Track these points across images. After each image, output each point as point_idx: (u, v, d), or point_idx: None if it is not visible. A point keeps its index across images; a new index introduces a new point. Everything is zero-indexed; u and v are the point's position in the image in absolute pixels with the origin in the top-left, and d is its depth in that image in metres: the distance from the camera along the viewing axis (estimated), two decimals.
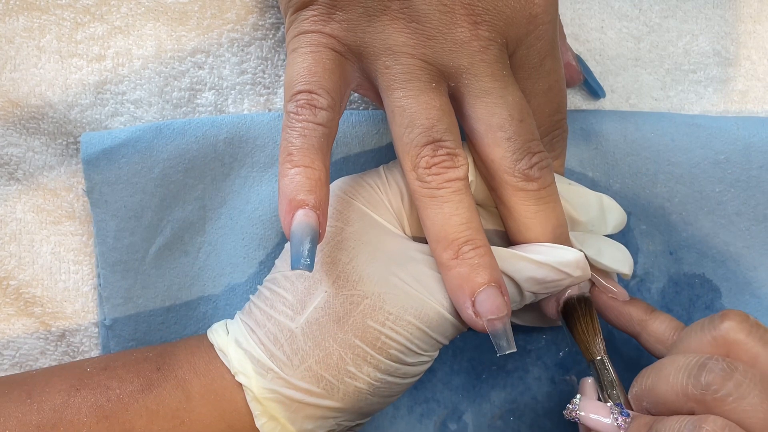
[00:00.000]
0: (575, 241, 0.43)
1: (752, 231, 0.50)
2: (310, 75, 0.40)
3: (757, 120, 0.50)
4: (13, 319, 0.48)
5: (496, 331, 0.39)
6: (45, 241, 0.48)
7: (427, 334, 0.40)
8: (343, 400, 0.40)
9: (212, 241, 0.48)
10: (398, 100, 0.40)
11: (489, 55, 0.40)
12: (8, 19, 0.47)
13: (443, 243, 0.40)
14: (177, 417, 0.40)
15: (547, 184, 0.41)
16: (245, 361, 0.40)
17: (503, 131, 0.40)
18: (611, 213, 0.45)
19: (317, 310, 0.40)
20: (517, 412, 0.50)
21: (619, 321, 0.45)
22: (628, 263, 0.44)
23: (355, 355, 0.40)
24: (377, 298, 0.40)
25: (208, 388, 0.40)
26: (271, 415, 0.40)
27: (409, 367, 0.41)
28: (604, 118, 0.50)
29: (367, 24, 0.40)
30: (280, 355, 0.40)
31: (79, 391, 0.40)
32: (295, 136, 0.39)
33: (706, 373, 0.37)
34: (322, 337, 0.40)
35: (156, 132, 0.47)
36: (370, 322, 0.40)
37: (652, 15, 0.51)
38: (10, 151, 0.48)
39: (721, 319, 0.40)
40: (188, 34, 0.48)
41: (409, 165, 0.40)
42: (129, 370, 0.41)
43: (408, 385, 0.42)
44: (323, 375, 0.40)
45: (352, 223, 0.42)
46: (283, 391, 0.40)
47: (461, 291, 0.39)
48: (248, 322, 0.41)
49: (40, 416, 0.39)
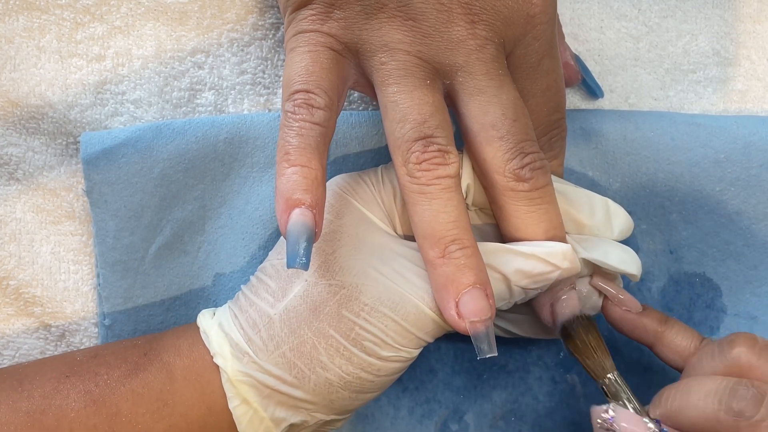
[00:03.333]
0: (578, 245, 0.43)
1: (752, 229, 0.50)
2: (308, 74, 0.40)
3: (756, 119, 0.50)
4: (13, 319, 0.48)
5: (477, 333, 0.39)
6: (45, 241, 0.48)
7: (404, 327, 0.40)
8: (313, 391, 0.40)
9: (212, 240, 0.48)
10: (392, 95, 0.40)
11: (485, 54, 0.40)
12: (8, 19, 0.48)
13: (430, 240, 0.40)
14: (161, 399, 0.41)
15: (539, 185, 0.41)
16: (224, 343, 0.41)
17: (496, 130, 0.40)
18: (617, 218, 0.45)
19: (296, 298, 0.40)
20: (518, 412, 0.50)
21: (634, 333, 0.45)
22: (636, 264, 0.44)
23: (328, 345, 0.40)
24: (354, 288, 0.40)
25: (190, 369, 0.41)
26: (244, 398, 0.40)
27: (383, 363, 0.41)
28: (603, 118, 0.50)
29: (364, 22, 0.40)
30: (256, 340, 0.40)
31: (68, 378, 0.41)
32: (292, 135, 0.39)
33: (738, 399, 0.38)
34: (298, 324, 0.40)
35: (156, 132, 0.47)
36: (345, 312, 0.40)
37: (651, 15, 0.51)
38: (10, 151, 0.48)
39: (731, 345, 0.41)
40: (188, 34, 0.48)
41: (399, 160, 0.40)
42: (117, 357, 0.41)
43: (383, 384, 0.42)
44: (296, 363, 0.40)
45: (342, 216, 0.42)
46: (256, 376, 0.40)
47: (445, 291, 0.39)
48: (233, 308, 0.42)
49: (30, 402, 0.40)
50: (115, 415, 0.40)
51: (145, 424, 0.40)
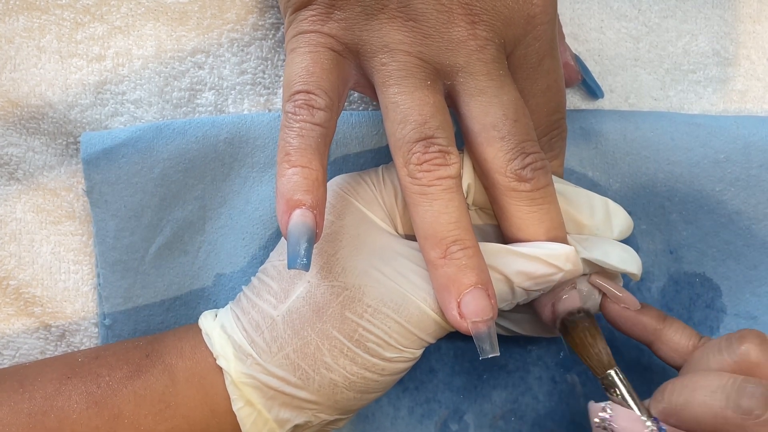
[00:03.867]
0: (578, 244, 0.43)
1: (752, 229, 0.50)
2: (308, 75, 0.40)
3: (756, 119, 0.50)
4: (13, 319, 0.48)
5: (480, 333, 0.39)
6: (45, 241, 0.48)
7: (407, 329, 0.40)
8: (318, 391, 0.40)
9: (212, 240, 0.48)
10: (392, 96, 0.40)
11: (486, 55, 0.40)
12: (8, 19, 0.47)
13: (431, 241, 0.40)
14: (163, 401, 0.41)
15: (540, 185, 0.41)
16: (227, 345, 0.41)
17: (497, 130, 0.40)
18: (617, 218, 0.45)
19: (299, 299, 0.40)
20: (518, 412, 0.50)
21: (633, 331, 0.44)
22: (637, 263, 0.44)
23: (332, 346, 0.40)
24: (357, 290, 0.40)
25: (192, 371, 0.41)
26: (247, 400, 0.40)
27: (386, 363, 0.41)
28: (603, 118, 0.50)
29: (365, 22, 0.40)
30: (260, 342, 0.40)
31: (70, 379, 0.41)
32: (292, 136, 0.39)
33: (747, 397, 0.38)
34: (301, 326, 0.40)
35: (156, 132, 0.47)
36: (348, 314, 0.40)
37: (651, 15, 0.51)
38: (10, 151, 0.48)
39: (740, 341, 0.40)
40: (188, 34, 0.48)
41: (400, 161, 0.40)
42: (119, 358, 0.41)
43: (387, 383, 0.42)
44: (300, 364, 0.40)
45: (343, 217, 0.42)
46: (260, 377, 0.40)
47: (447, 291, 0.39)
48: (235, 310, 0.42)
49: (32, 404, 0.40)
50: (117, 416, 0.40)
51: (147, 426, 0.40)
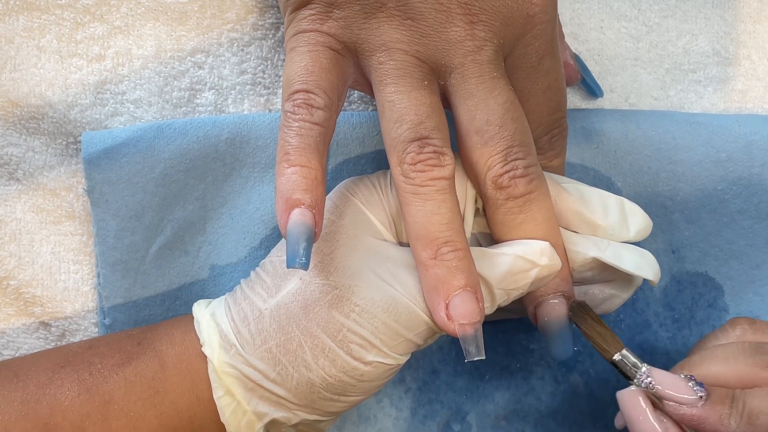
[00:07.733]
0: (594, 246, 0.42)
1: (755, 229, 0.50)
2: (308, 74, 0.40)
3: (758, 118, 0.50)
4: (13, 319, 0.48)
5: (466, 336, 0.39)
6: (45, 240, 0.48)
7: (394, 329, 0.40)
8: (295, 389, 0.40)
9: (213, 240, 0.48)
10: (389, 95, 0.40)
11: (482, 56, 0.40)
12: (8, 19, 0.48)
13: (423, 241, 0.39)
14: (152, 387, 0.41)
15: (518, 194, 0.41)
16: (214, 333, 0.41)
17: (479, 136, 0.40)
18: (633, 217, 0.44)
19: (289, 295, 0.40)
20: (521, 412, 0.50)
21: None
22: (653, 270, 0.43)
23: (314, 345, 0.40)
24: (346, 289, 0.40)
25: (180, 357, 0.41)
26: (228, 389, 0.41)
27: (366, 368, 0.40)
28: (605, 117, 0.50)
29: (363, 21, 0.40)
30: (245, 333, 0.41)
31: (63, 368, 0.41)
32: (292, 135, 0.39)
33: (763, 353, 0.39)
34: (287, 321, 0.40)
35: (157, 131, 0.47)
36: (335, 313, 0.40)
37: (651, 15, 0.51)
38: (10, 151, 0.48)
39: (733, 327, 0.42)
40: (188, 34, 0.48)
41: (395, 160, 0.40)
42: (111, 347, 0.42)
43: (367, 389, 0.41)
44: (281, 359, 0.40)
45: (343, 217, 0.42)
46: (241, 368, 0.40)
47: (436, 292, 0.39)
48: (228, 300, 0.42)
49: (25, 392, 0.40)
50: (108, 402, 0.40)
51: (137, 411, 0.41)
